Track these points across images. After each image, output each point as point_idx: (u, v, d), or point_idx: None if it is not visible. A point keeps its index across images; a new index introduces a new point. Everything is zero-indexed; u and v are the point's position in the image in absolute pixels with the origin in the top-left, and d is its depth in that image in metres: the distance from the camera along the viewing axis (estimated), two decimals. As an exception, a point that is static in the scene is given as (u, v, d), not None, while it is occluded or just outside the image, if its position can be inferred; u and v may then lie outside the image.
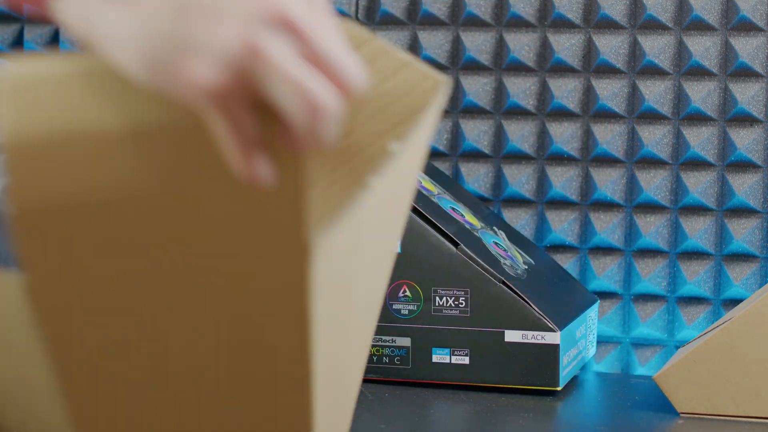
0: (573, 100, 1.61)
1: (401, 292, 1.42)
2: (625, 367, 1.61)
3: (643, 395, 1.42)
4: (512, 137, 1.63)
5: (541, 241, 1.63)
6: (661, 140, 1.59)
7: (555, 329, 1.37)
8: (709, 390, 1.31)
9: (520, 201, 1.64)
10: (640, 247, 1.60)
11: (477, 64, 1.63)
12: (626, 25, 1.59)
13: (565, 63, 1.61)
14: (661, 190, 1.59)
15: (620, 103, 1.59)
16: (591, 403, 1.40)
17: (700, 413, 1.31)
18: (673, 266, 1.60)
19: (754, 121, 1.56)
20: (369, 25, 1.66)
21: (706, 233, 1.58)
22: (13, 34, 1.75)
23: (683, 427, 1.29)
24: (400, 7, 1.65)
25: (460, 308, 1.41)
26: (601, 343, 1.61)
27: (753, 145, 1.56)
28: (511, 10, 1.61)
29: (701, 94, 1.57)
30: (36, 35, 1.75)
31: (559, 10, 1.60)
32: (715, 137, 1.57)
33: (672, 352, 1.58)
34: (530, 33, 1.62)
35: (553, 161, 1.62)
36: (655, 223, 1.59)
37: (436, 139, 1.65)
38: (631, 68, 1.59)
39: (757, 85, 1.55)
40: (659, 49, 1.58)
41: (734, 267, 1.58)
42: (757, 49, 1.55)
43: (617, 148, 1.60)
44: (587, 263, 1.62)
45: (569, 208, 1.63)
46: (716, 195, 1.58)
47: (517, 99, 1.62)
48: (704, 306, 1.59)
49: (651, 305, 1.61)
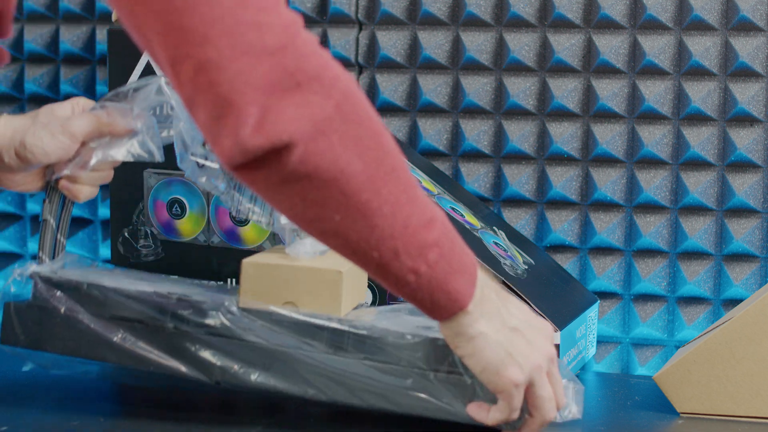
0: (573, 100, 1.61)
1: (401, 292, 1.42)
2: (625, 367, 1.61)
3: (643, 395, 1.42)
4: (512, 137, 1.63)
5: (541, 241, 1.63)
6: (661, 140, 1.59)
7: (555, 329, 1.37)
8: (709, 390, 1.31)
9: (520, 201, 1.64)
10: (640, 247, 1.60)
11: (477, 64, 1.63)
12: (626, 25, 1.59)
13: (565, 63, 1.61)
14: (661, 190, 1.59)
15: (620, 103, 1.60)
16: (591, 403, 1.40)
17: (700, 413, 1.31)
18: (673, 266, 1.60)
19: (754, 121, 1.56)
20: (369, 25, 1.66)
21: (706, 233, 1.58)
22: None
23: (683, 427, 1.29)
24: (400, 7, 1.65)
25: (460, 308, 1.40)
26: (601, 343, 1.61)
27: (753, 145, 1.56)
28: (511, 10, 1.61)
29: (701, 94, 1.57)
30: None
31: (559, 10, 1.60)
32: (715, 137, 1.57)
33: (672, 352, 1.58)
34: (530, 33, 1.62)
35: (553, 161, 1.62)
36: (655, 223, 1.60)
37: (436, 139, 1.65)
38: (631, 68, 1.59)
39: (757, 85, 1.56)
40: (659, 49, 1.58)
41: (734, 267, 1.58)
42: (757, 49, 1.55)
43: (617, 148, 1.60)
44: (587, 263, 1.62)
45: (569, 208, 1.63)
46: (716, 195, 1.58)
47: (517, 99, 1.62)
48: (704, 306, 1.59)
49: (651, 305, 1.61)
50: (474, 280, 1.07)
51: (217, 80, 0.96)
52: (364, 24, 1.67)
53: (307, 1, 1.67)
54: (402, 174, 1.02)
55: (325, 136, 0.98)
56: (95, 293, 1.27)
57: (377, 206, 1.00)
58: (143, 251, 1.51)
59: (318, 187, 0.99)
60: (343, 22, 1.67)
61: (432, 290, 1.04)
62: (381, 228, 1.01)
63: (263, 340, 1.23)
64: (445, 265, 1.03)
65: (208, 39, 0.96)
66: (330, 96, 0.98)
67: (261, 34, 0.97)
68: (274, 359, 1.23)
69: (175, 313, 1.25)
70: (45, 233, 1.33)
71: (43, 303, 1.28)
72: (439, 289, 1.05)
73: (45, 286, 1.28)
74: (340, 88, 0.99)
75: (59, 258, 1.33)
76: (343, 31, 1.67)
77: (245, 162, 0.98)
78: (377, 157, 1.00)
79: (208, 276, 1.48)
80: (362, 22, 1.67)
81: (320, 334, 1.22)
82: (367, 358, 1.21)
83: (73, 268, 1.34)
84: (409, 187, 1.02)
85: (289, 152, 0.97)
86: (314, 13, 1.67)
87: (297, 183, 0.99)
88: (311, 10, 1.67)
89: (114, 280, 1.30)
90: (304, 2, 1.67)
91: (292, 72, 0.97)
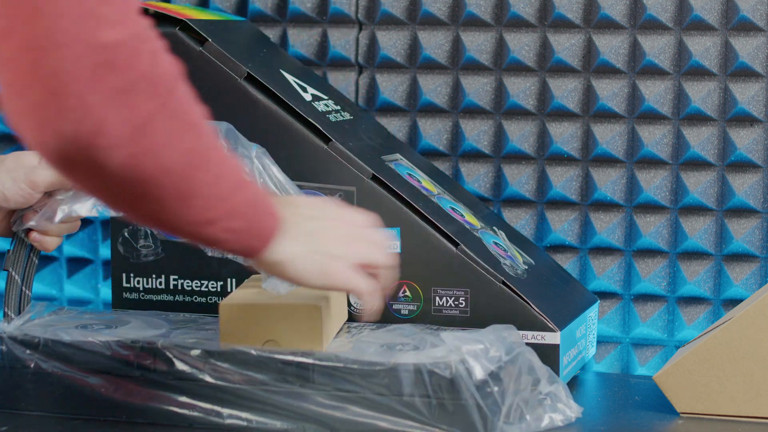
0: (573, 100, 1.61)
1: (401, 292, 1.42)
2: (625, 367, 1.61)
3: (643, 395, 1.42)
4: (512, 137, 1.63)
5: (541, 241, 1.63)
6: (661, 140, 1.59)
7: (555, 329, 1.37)
8: (709, 390, 1.31)
9: (520, 201, 1.64)
10: (640, 247, 1.60)
11: (477, 64, 1.63)
12: (626, 25, 1.59)
13: (565, 63, 1.61)
14: (661, 190, 1.59)
15: (620, 103, 1.59)
16: (591, 403, 1.40)
17: (700, 413, 1.31)
18: (673, 266, 1.60)
19: (754, 121, 1.56)
20: (369, 25, 1.66)
21: (706, 233, 1.58)
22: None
23: (683, 427, 1.29)
24: (400, 7, 1.65)
25: (460, 308, 1.41)
26: (601, 343, 1.61)
27: (753, 145, 1.56)
28: (511, 10, 1.61)
29: (701, 94, 1.57)
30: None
31: (559, 10, 1.60)
32: (715, 137, 1.57)
33: (672, 352, 1.58)
34: (530, 33, 1.62)
35: (553, 161, 1.62)
36: (655, 223, 1.59)
37: (436, 139, 1.65)
38: (631, 68, 1.59)
39: (757, 85, 1.55)
40: (659, 49, 1.58)
41: (734, 267, 1.58)
42: (757, 49, 1.55)
43: (617, 148, 1.60)
44: (587, 263, 1.62)
45: (569, 208, 1.63)
46: (716, 195, 1.58)
47: (517, 99, 1.62)
48: (704, 306, 1.59)
49: (651, 305, 1.61)
50: (277, 218, 1.14)
51: (43, 64, 0.93)
52: (364, 24, 1.67)
53: (307, 1, 1.67)
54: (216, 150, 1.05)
55: (147, 136, 0.97)
56: (61, 349, 1.29)
57: (196, 189, 1.03)
58: (143, 251, 1.51)
59: (137, 182, 0.99)
60: (343, 22, 1.67)
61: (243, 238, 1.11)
62: (199, 207, 1.04)
63: (230, 381, 1.24)
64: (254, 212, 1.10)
65: (42, 18, 0.93)
66: (156, 95, 0.97)
67: (98, 25, 0.94)
68: (244, 398, 1.24)
69: (140, 364, 1.27)
70: (10, 289, 1.34)
71: (12, 363, 1.30)
72: (250, 234, 1.11)
73: (13, 345, 1.30)
74: (168, 88, 0.99)
75: (26, 311, 1.35)
76: (343, 31, 1.67)
77: (62, 155, 0.96)
78: (196, 145, 1.02)
79: (208, 276, 1.48)
80: (362, 22, 1.67)
81: (287, 369, 1.23)
82: (337, 389, 1.22)
83: (41, 319, 1.36)
84: (223, 158, 1.06)
85: (110, 149, 0.96)
86: (314, 13, 1.67)
87: (115, 178, 0.98)
88: (311, 10, 1.67)
89: (80, 331, 1.31)
90: (304, 2, 1.67)
91: (122, 69, 0.95)
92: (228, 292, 1.47)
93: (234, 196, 1.07)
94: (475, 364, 1.20)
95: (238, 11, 1.70)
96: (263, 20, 1.69)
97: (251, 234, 1.10)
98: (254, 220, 1.10)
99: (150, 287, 1.50)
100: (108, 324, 1.36)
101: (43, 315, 1.37)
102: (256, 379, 1.24)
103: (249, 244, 1.11)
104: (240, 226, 1.09)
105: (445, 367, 1.19)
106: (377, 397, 1.21)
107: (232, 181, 1.07)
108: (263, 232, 1.12)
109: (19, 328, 1.32)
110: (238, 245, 1.11)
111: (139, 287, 1.50)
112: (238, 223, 1.08)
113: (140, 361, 1.27)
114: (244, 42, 1.56)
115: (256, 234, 1.11)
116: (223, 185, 1.06)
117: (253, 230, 1.10)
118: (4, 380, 1.31)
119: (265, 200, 1.12)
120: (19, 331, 1.31)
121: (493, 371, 1.21)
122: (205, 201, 1.04)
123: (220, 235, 1.08)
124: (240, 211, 1.08)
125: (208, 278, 1.48)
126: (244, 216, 1.09)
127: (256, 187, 1.12)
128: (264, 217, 1.12)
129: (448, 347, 1.22)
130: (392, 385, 1.20)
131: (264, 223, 1.12)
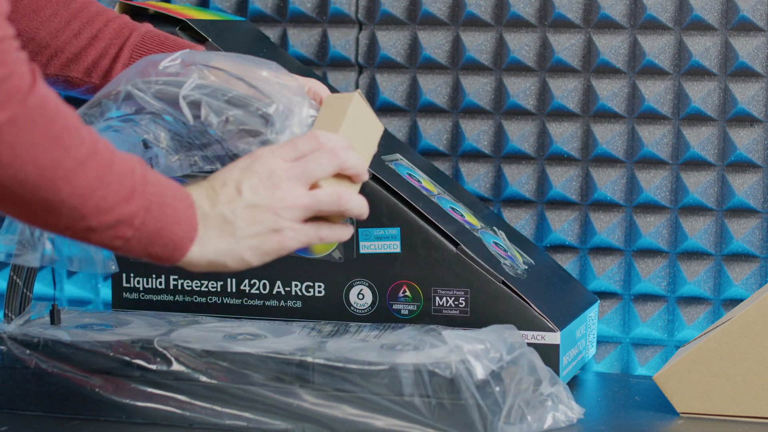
0: (573, 100, 1.61)
1: (401, 292, 1.42)
2: (625, 367, 1.61)
3: (643, 395, 1.42)
4: (512, 137, 1.63)
5: (541, 241, 1.63)
6: (661, 140, 1.59)
7: (555, 329, 1.37)
8: (709, 390, 1.31)
9: (520, 201, 1.64)
10: (640, 247, 1.60)
11: (477, 64, 1.63)
12: (626, 25, 1.59)
13: (565, 63, 1.61)
14: (661, 190, 1.59)
15: (620, 103, 1.59)
16: (591, 403, 1.40)
17: (700, 413, 1.31)
18: (673, 266, 1.60)
19: (754, 121, 1.56)
20: (369, 25, 1.66)
21: (706, 233, 1.58)
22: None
23: (683, 427, 1.29)
24: (400, 7, 1.65)
25: (460, 308, 1.41)
26: (601, 343, 1.61)
27: (753, 145, 1.56)
28: (511, 10, 1.61)
29: (701, 94, 1.57)
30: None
31: (559, 10, 1.60)
32: (715, 137, 1.57)
33: (672, 352, 1.58)
34: (530, 33, 1.62)
35: (553, 161, 1.62)
36: (655, 223, 1.59)
37: (436, 139, 1.65)
38: (631, 68, 1.59)
39: (757, 85, 1.55)
40: (659, 49, 1.58)
41: (734, 267, 1.58)
42: (757, 49, 1.55)
43: (617, 148, 1.60)
44: (587, 263, 1.62)
45: (569, 208, 1.63)
46: (716, 195, 1.58)
47: (517, 99, 1.62)
48: (704, 306, 1.59)
49: (651, 305, 1.61)
50: (193, 222, 1.10)
51: None
52: (364, 24, 1.67)
53: (307, 1, 1.67)
54: (93, 164, 1.04)
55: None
56: (61, 349, 1.29)
57: (59, 201, 1.03)
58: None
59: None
60: (343, 22, 1.67)
61: (146, 247, 1.08)
62: (68, 216, 1.03)
63: (229, 381, 1.24)
64: (156, 222, 1.07)
65: None
66: (5, 108, 0.98)
67: None
68: (244, 398, 1.24)
69: (140, 364, 1.27)
70: (12, 291, 1.35)
71: (12, 363, 1.30)
72: (153, 243, 1.08)
73: (13, 345, 1.30)
74: (19, 99, 0.99)
75: (26, 311, 1.36)
76: (343, 31, 1.67)
77: None
78: (55, 158, 1.01)
79: (208, 276, 1.48)
80: (362, 22, 1.67)
81: (287, 369, 1.23)
82: (336, 389, 1.22)
83: (41, 319, 1.36)
84: (103, 173, 1.04)
85: None
86: (314, 13, 1.67)
87: None
88: (311, 10, 1.67)
89: (80, 331, 1.32)
90: (304, 2, 1.67)
91: None
92: (228, 292, 1.47)
93: (121, 207, 1.05)
94: (477, 363, 1.20)
95: (238, 11, 1.70)
96: (263, 20, 1.69)
97: (155, 243, 1.08)
98: (155, 228, 1.07)
99: (150, 287, 1.50)
100: (108, 324, 1.36)
101: (43, 315, 1.37)
102: (256, 379, 1.24)
103: (156, 252, 1.09)
104: (133, 235, 1.06)
105: (445, 367, 1.19)
106: (377, 397, 1.21)
107: (116, 191, 1.05)
108: (173, 239, 1.08)
109: (19, 328, 1.32)
110: (143, 253, 1.08)
111: (139, 287, 1.51)
112: (130, 231, 1.06)
113: (140, 361, 1.27)
114: (244, 42, 1.56)
115: (163, 243, 1.08)
116: (98, 197, 1.03)
117: (156, 238, 1.08)
118: (4, 380, 1.31)
119: (173, 206, 1.09)
120: (19, 331, 1.31)
121: (494, 371, 1.21)
122: (75, 211, 1.03)
123: (112, 243, 1.06)
124: (131, 222, 1.06)
125: (208, 278, 1.48)
126: (141, 225, 1.06)
127: (159, 195, 1.08)
128: (169, 226, 1.08)
129: (449, 347, 1.22)
130: (392, 386, 1.20)
131: (170, 229, 1.08)
